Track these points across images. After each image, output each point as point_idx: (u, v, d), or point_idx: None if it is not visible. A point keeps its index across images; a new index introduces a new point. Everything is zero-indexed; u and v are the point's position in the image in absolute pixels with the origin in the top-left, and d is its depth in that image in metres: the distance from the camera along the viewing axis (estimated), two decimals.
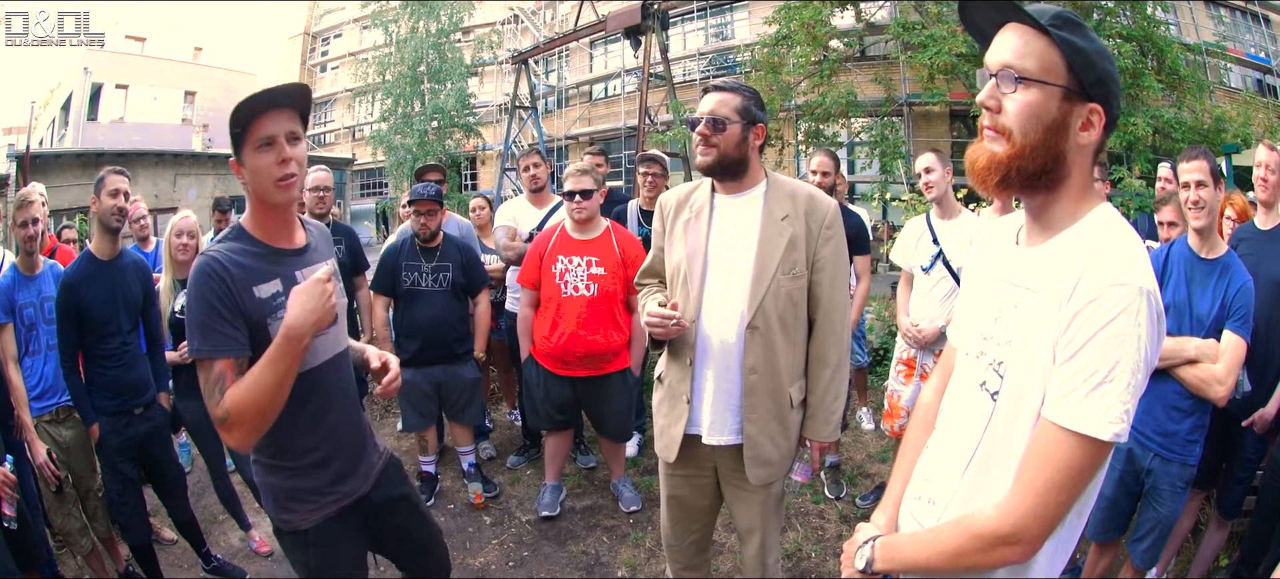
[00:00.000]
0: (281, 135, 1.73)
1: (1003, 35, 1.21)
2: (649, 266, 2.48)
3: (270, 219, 1.84)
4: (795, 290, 2.19)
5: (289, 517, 1.91)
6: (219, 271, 1.70)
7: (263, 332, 1.74)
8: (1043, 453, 1.14)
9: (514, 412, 5.30)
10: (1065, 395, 1.11)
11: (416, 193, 3.96)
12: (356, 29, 30.87)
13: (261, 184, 1.75)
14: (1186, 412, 2.58)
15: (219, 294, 1.69)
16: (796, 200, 2.21)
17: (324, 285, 1.69)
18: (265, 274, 1.79)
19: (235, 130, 1.72)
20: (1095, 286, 1.10)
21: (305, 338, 1.66)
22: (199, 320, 1.69)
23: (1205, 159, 2.57)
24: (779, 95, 14.88)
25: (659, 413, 2.37)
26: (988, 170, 1.21)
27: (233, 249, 1.77)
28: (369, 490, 2.04)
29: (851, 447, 4.79)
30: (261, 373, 1.63)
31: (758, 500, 2.34)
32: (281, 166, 1.73)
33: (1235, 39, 16.23)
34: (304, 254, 1.90)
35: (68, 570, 3.39)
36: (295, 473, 1.89)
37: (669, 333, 2.16)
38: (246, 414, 1.63)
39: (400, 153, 23.96)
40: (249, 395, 1.62)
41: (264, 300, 1.76)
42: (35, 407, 3.09)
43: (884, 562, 1.36)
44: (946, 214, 3.68)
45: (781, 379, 2.22)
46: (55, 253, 3.92)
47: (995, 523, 1.17)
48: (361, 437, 2.05)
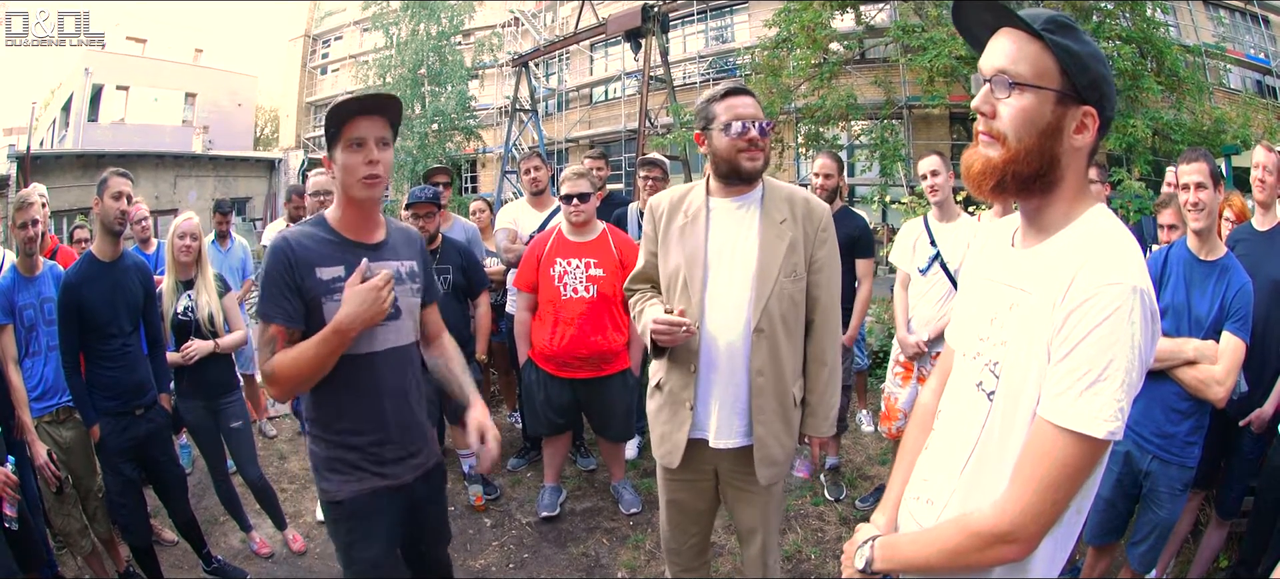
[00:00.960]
0: (372, 139, 1.90)
1: (996, 40, 1.22)
2: (640, 272, 2.46)
3: (351, 213, 2.01)
4: (796, 292, 2.22)
5: (327, 485, 2.04)
6: (285, 251, 1.90)
7: (318, 309, 1.92)
8: (1038, 451, 1.14)
9: (514, 414, 5.31)
10: (1060, 394, 1.12)
11: (414, 195, 3.96)
12: (357, 31, 30.83)
13: (348, 179, 1.92)
14: (1185, 413, 2.58)
15: (281, 269, 1.89)
16: (794, 204, 2.24)
17: (377, 291, 1.86)
18: (331, 259, 1.95)
19: (330, 129, 1.91)
20: (1089, 286, 1.11)
21: (351, 332, 1.85)
22: (266, 288, 1.90)
23: (1205, 161, 2.58)
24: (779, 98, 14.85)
25: (658, 420, 2.36)
26: (983, 175, 1.23)
27: (307, 232, 1.97)
28: (412, 482, 2.13)
29: (851, 449, 4.80)
30: (307, 349, 1.85)
31: (761, 501, 2.35)
32: (368, 166, 1.90)
33: (1235, 40, 16.21)
34: (379, 250, 2.04)
35: (68, 571, 3.39)
36: (336, 445, 2.02)
37: (677, 340, 2.15)
38: (287, 377, 1.86)
39: (400, 155, 23.93)
40: (293, 364, 1.85)
41: (324, 282, 1.92)
42: (35, 407, 3.10)
43: (883, 561, 1.37)
44: (945, 217, 3.69)
45: (786, 380, 2.24)
46: (56, 254, 3.93)
47: (993, 521, 1.18)
48: (413, 433, 2.13)
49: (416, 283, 2.13)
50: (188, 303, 3.51)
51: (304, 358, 1.85)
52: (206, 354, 3.47)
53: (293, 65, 33.02)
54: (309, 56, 33.26)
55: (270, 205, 26.31)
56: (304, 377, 1.88)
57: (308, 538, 3.85)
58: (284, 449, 5.11)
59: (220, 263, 5.13)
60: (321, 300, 1.92)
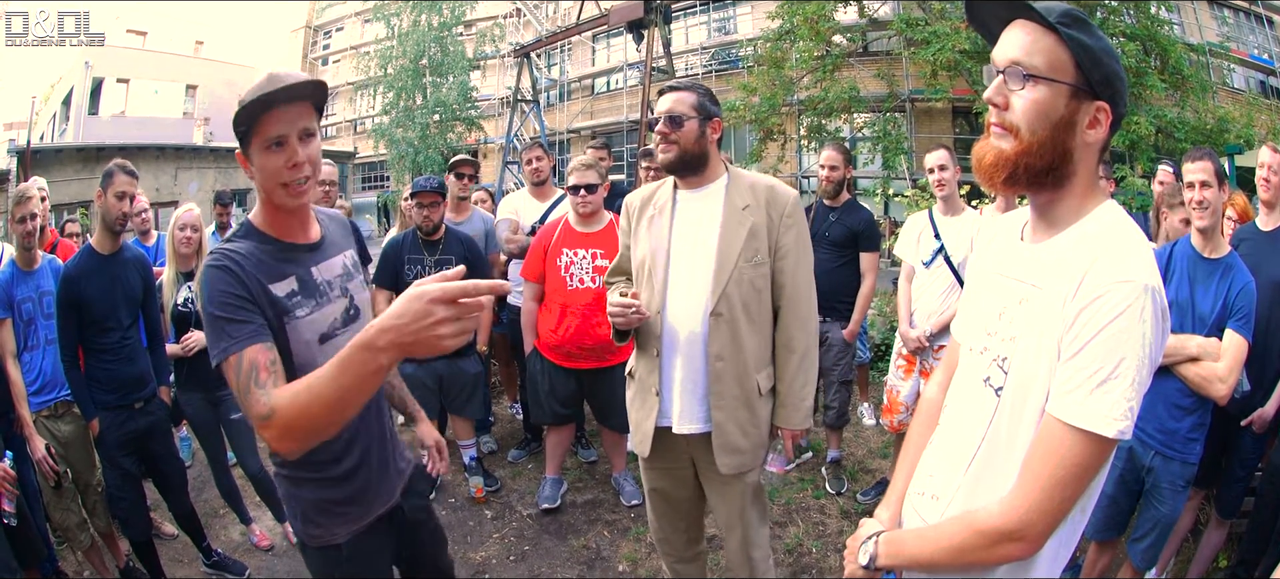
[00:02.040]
0: (293, 134, 1.54)
1: (1010, 32, 1.21)
2: (616, 265, 2.55)
3: (281, 213, 1.68)
4: (758, 278, 2.25)
5: (318, 531, 1.77)
6: (227, 265, 1.52)
7: (280, 333, 1.58)
8: (1047, 449, 1.14)
9: (515, 405, 5.31)
10: (1070, 392, 1.11)
11: (418, 184, 3.94)
12: (358, 22, 30.80)
13: (270, 186, 1.59)
14: (1188, 410, 2.58)
15: (232, 287, 1.51)
16: (757, 191, 2.28)
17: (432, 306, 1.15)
18: (279, 272, 1.63)
19: (240, 129, 1.54)
20: (1100, 283, 1.10)
21: (386, 354, 1.19)
22: (217, 318, 1.48)
23: (1210, 160, 2.58)
24: (781, 90, 14.86)
25: (632, 409, 2.43)
26: (995, 167, 1.21)
27: (243, 246, 1.60)
28: (400, 501, 1.95)
29: (852, 442, 4.80)
30: (321, 381, 1.27)
31: (735, 493, 2.37)
32: (292, 170, 1.56)
33: (1238, 40, 16.17)
34: (319, 249, 1.75)
35: (68, 566, 3.39)
36: (324, 484, 1.75)
37: (629, 322, 2.23)
38: (297, 424, 1.31)
39: (402, 146, 23.95)
40: (305, 404, 1.29)
41: (280, 299, 1.60)
42: (34, 401, 3.10)
43: (888, 557, 1.36)
44: (950, 211, 3.68)
45: (748, 366, 2.26)
46: (56, 247, 3.92)
47: (999, 519, 1.17)
48: (388, 444, 1.92)
49: (360, 272, 1.89)
50: (188, 294, 3.51)
51: (321, 395, 1.27)
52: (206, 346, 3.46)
53: (294, 57, 32.94)
54: (310, 48, 33.21)
55: None
56: (323, 421, 1.30)
57: None
58: None
59: None
60: (283, 320, 1.60)
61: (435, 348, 1.16)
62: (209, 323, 1.50)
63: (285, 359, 1.56)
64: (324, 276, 1.73)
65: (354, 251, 1.88)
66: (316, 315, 1.67)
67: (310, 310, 1.66)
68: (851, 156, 4.27)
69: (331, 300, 1.72)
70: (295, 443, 1.34)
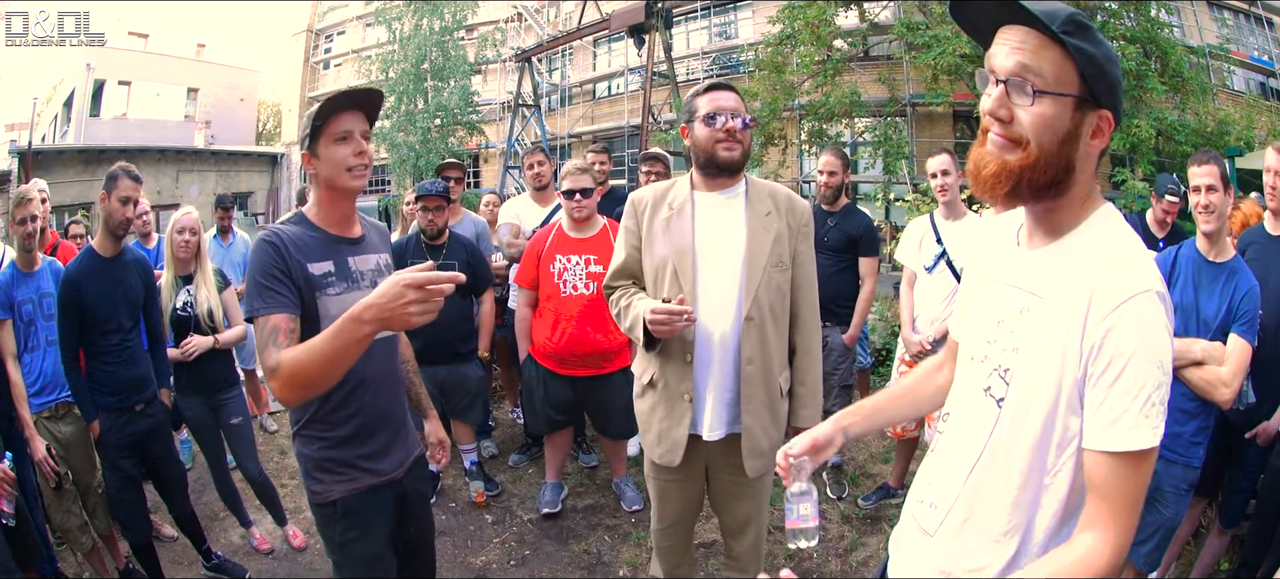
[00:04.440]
0: (356, 131, 1.93)
1: (1007, 35, 1.16)
2: (622, 267, 2.43)
3: (334, 208, 2.01)
4: (783, 282, 2.26)
5: (318, 487, 2.02)
6: (275, 242, 1.86)
7: (311, 303, 1.89)
8: (1119, 481, 1.11)
9: (516, 410, 5.30)
10: (1118, 419, 1.09)
11: (423, 188, 3.93)
12: (360, 26, 30.80)
13: (335, 172, 1.93)
14: (1191, 413, 2.58)
15: (274, 260, 1.84)
16: (777, 198, 2.29)
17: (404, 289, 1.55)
18: (321, 255, 1.95)
19: (316, 123, 1.91)
20: (1115, 298, 1.09)
21: (368, 326, 1.58)
22: (256, 283, 1.83)
23: (1216, 163, 2.58)
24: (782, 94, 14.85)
25: (654, 417, 2.34)
26: (997, 178, 1.17)
27: (293, 230, 1.95)
28: (402, 477, 2.14)
29: (853, 447, 4.78)
30: (318, 343, 1.66)
31: (752, 492, 2.38)
32: (357, 157, 1.93)
33: (1238, 42, 16.16)
34: (359, 244, 2.07)
35: (68, 568, 3.39)
36: (325, 444, 2.00)
37: (675, 330, 2.13)
38: (296, 376, 1.68)
39: (403, 150, 23.92)
40: (303, 360, 1.67)
41: (317, 276, 1.92)
42: (34, 403, 3.10)
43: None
44: (952, 215, 3.68)
45: (773, 369, 2.27)
46: (56, 249, 3.92)
47: (1110, 558, 1.11)
48: (399, 424, 2.15)
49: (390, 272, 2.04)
50: (187, 298, 3.50)
51: (314, 354, 1.65)
52: (206, 350, 3.47)
53: (295, 60, 32.95)
54: (311, 51, 33.22)
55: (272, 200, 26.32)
56: (314, 376, 1.68)
57: (308, 534, 3.83)
58: (285, 444, 5.10)
59: (222, 258, 5.14)
60: (316, 295, 1.91)
61: (407, 322, 1.57)
62: (251, 284, 1.85)
63: (314, 326, 1.84)
64: (358, 267, 2.03)
65: (388, 256, 2.17)
66: (346, 297, 1.93)
67: (341, 291, 1.95)
68: (849, 161, 4.26)
69: (361, 288, 1.99)
70: (295, 392, 1.72)
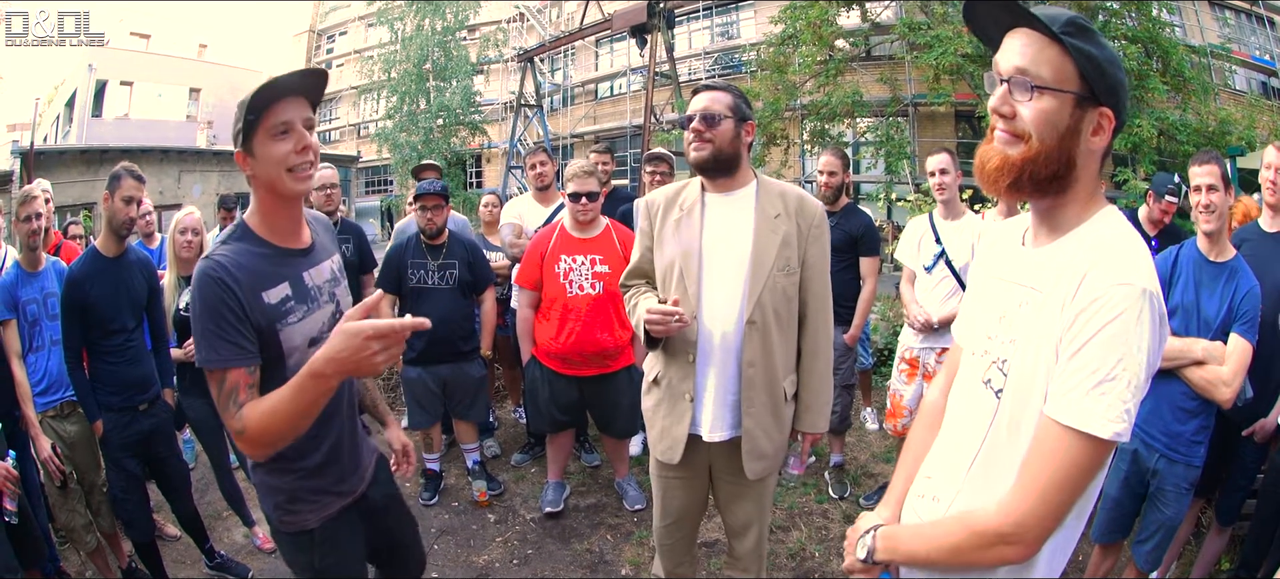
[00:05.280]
0: (298, 121, 1.65)
1: (1012, 39, 1.21)
2: (636, 267, 2.47)
3: (280, 215, 1.75)
4: (789, 287, 2.24)
5: (291, 518, 1.86)
6: (224, 277, 1.60)
7: (272, 338, 1.67)
8: (1044, 451, 1.14)
9: (519, 409, 5.30)
10: (1067, 393, 1.12)
11: (423, 188, 3.94)
12: (362, 26, 30.85)
13: (276, 173, 1.65)
14: (1192, 412, 2.58)
15: (226, 301, 1.59)
16: (787, 200, 2.27)
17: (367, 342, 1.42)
18: (273, 277, 1.70)
19: (249, 117, 1.61)
20: (1099, 286, 1.10)
21: (332, 380, 1.47)
22: (206, 330, 1.59)
23: (1217, 163, 2.58)
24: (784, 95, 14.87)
25: (657, 415, 2.37)
26: (1000, 172, 1.21)
27: (238, 251, 1.67)
28: (367, 489, 2.04)
29: (855, 447, 4.79)
30: (282, 401, 1.52)
31: (754, 494, 2.38)
32: (301, 154, 1.65)
33: (1240, 41, 16.16)
34: (310, 254, 1.83)
35: (71, 566, 3.40)
36: (298, 474, 1.83)
37: (670, 330, 2.16)
38: (263, 433, 1.55)
39: (405, 150, 23.95)
40: (269, 420, 1.53)
41: (273, 306, 1.67)
42: (39, 402, 3.10)
43: (885, 552, 1.37)
44: (951, 214, 3.68)
45: (777, 373, 2.26)
46: (60, 249, 3.93)
47: (996, 521, 1.17)
48: (359, 438, 2.03)
49: (345, 277, 1.97)
50: (190, 299, 3.50)
51: (280, 413, 1.52)
52: None
53: (297, 60, 32.98)
54: (314, 52, 33.27)
55: None
56: (284, 432, 1.55)
57: None
58: None
59: None
60: (276, 326, 1.68)
61: (374, 370, 1.46)
62: (198, 331, 1.61)
63: (279, 363, 1.68)
64: (314, 282, 1.82)
65: (339, 256, 1.97)
66: (307, 321, 1.75)
67: (302, 315, 1.74)
68: (849, 161, 4.26)
69: (320, 305, 1.81)
70: (265, 451, 1.61)
